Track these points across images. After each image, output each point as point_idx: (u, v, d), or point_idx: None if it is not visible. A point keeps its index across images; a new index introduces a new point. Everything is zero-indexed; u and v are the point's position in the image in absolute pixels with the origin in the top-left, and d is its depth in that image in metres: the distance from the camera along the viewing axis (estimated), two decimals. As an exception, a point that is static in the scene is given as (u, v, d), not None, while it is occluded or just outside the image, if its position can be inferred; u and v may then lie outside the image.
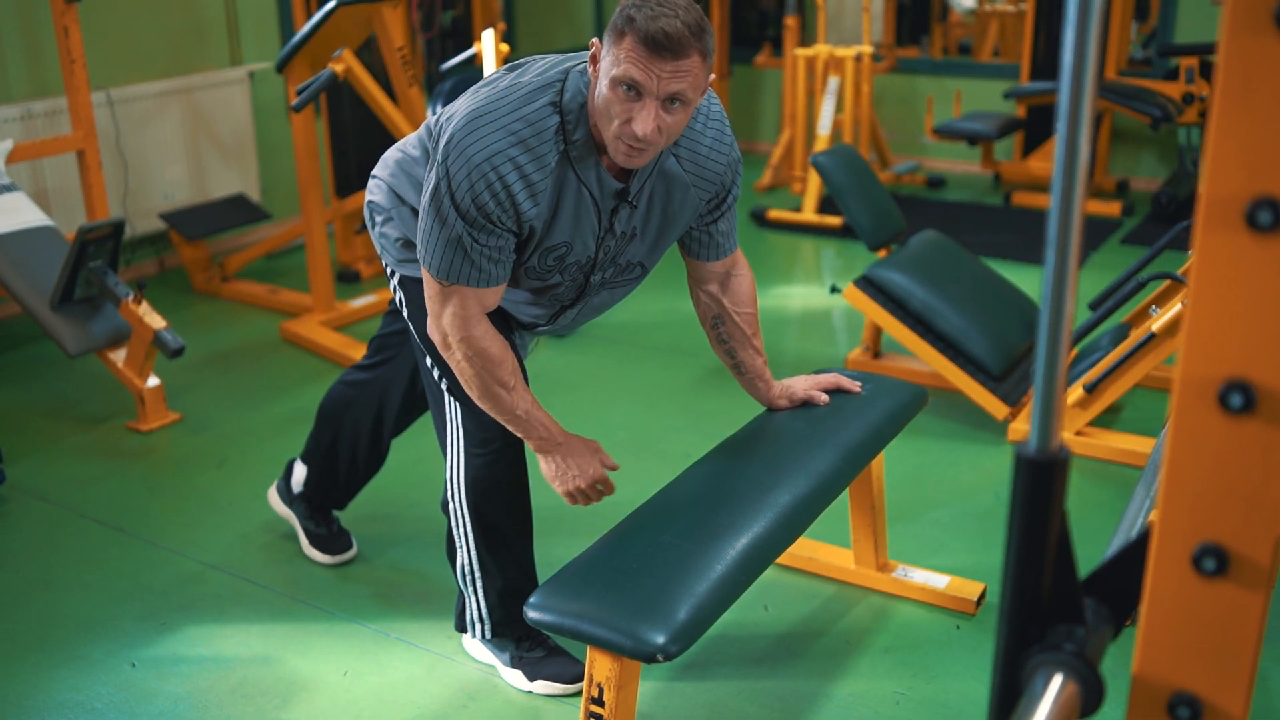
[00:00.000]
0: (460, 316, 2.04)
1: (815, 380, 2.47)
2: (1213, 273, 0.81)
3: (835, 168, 3.88)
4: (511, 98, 1.97)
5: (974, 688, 2.41)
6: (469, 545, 2.34)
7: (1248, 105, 0.78)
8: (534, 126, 1.94)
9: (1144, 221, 5.90)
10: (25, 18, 4.61)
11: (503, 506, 2.32)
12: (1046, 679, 0.89)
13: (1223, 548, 0.86)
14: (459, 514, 2.33)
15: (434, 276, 2.03)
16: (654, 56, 1.84)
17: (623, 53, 1.85)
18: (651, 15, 1.83)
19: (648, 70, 1.84)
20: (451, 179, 1.94)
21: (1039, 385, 0.88)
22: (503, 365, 2.09)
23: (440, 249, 1.99)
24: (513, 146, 1.93)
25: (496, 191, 1.93)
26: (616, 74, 1.86)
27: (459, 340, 2.06)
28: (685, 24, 1.84)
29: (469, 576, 2.38)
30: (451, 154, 1.94)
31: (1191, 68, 5.84)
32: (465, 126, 1.94)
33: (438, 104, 4.44)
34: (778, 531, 2.04)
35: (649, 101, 1.87)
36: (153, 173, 5.12)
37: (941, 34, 8.02)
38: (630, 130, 1.89)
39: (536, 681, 2.41)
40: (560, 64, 2.03)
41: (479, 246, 1.98)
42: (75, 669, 2.51)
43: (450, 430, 2.30)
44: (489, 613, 2.39)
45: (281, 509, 2.97)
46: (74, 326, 3.62)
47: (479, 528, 2.32)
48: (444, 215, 1.96)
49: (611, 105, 1.89)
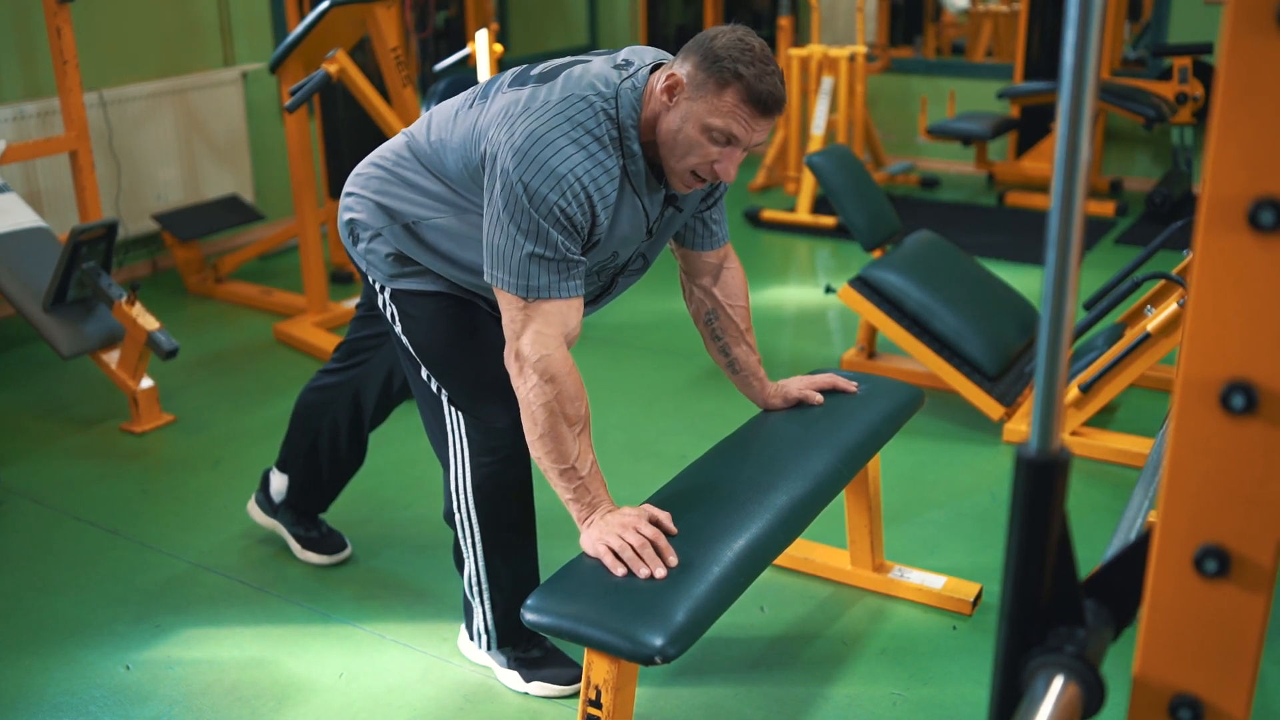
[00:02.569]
0: (542, 335, 1.97)
1: (810, 380, 2.47)
2: (1214, 273, 0.81)
3: (830, 168, 3.88)
4: (569, 113, 1.95)
5: (971, 689, 2.41)
6: (477, 554, 2.32)
7: (1249, 105, 0.77)
8: (599, 141, 1.96)
9: (1138, 221, 5.91)
10: (18, 18, 4.60)
11: (510, 512, 2.31)
12: (1047, 681, 0.88)
13: (1224, 549, 0.85)
14: (466, 524, 2.31)
15: (515, 295, 1.98)
16: (757, 115, 1.93)
17: (725, 105, 1.92)
18: (757, 75, 1.91)
19: (749, 126, 1.94)
20: (532, 193, 1.91)
21: (1039, 386, 0.87)
22: (575, 402, 1.99)
23: (522, 266, 1.95)
24: (588, 159, 1.94)
25: (582, 202, 1.93)
26: (716, 124, 1.93)
27: (536, 360, 1.97)
28: (781, 83, 1.95)
29: (476, 586, 2.36)
30: (529, 169, 1.91)
31: (1185, 67, 5.85)
32: (536, 141, 1.92)
33: (432, 104, 4.43)
34: (775, 533, 2.03)
35: (738, 150, 1.96)
36: (146, 174, 5.10)
37: (935, 34, 8.03)
38: (713, 171, 1.98)
39: (533, 683, 2.40)
40: (587, 75, 2.02)
41: (562, 257, 1.95)
42: (69, 672, 2.50)
43: (453, 441, 2.27)
44: (495, 624, 2.39)
45: (265, 520, 2.94)
46: (67, 328, 3.61)
47: (487, 535, 2.30)
48: (528, 230, 1.92)
49: (695, 146, 1.96)
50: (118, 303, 3.56)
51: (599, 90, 1.98)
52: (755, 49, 1.93)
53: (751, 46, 1.93)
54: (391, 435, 3.26)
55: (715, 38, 1.94)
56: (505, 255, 1.96)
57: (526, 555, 2.37)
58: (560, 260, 1.95)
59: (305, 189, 4.34)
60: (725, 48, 1.92)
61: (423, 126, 2.22)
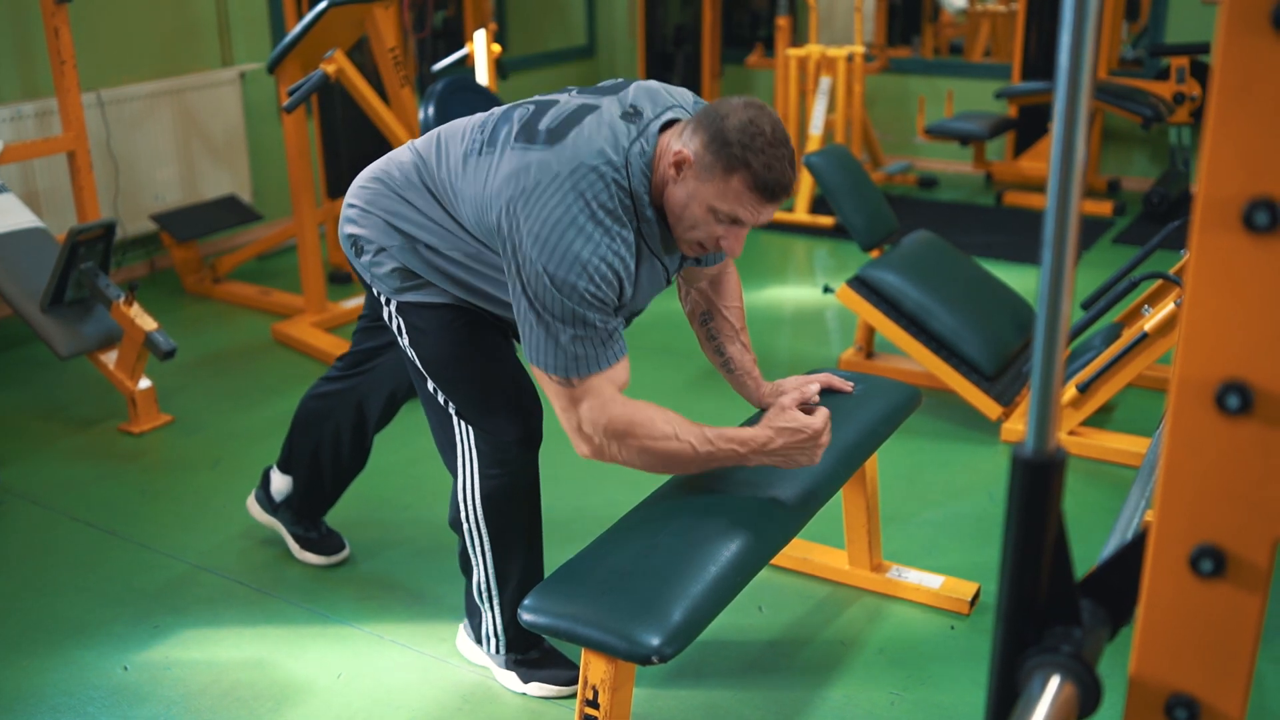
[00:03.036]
0: (598, 407, 1.97)
1: (807, 379, 2.47)
2: (1210, 273, 0.81)
3: (828, 168, 3.88)
4: (581, 187, 1.92)
5: (969, 688, 2.41)
6: (486, 563, 2.32)
7: (1245, 106, 0.78)
8: (614, 215, 1.94)
9: (1136, 221, 5.92)
10: (15, 18, 4.60)
11: (520, 520, 2.31)
12: (1044, 681, 0.88)
13: (1220, 549, 0.86)
14: (474, 531, 2.30)
15: (561, 378, 1.96)
16: (764, 202, 1.93)
17: (731, 192, 1.91)
18: (767, 164, 1.89)
19: (755, 211, 1.94)
20: (560, 282, 1.89)
21: (1036, 386, 0.87)
22: (654, 423, 1.99)
23: (564, 348, 1.94)
24: (607, 237, 1.92)
25: (610, 281, 1.93)
26: (722, 209, 1.93)
27: (604, 433, 1.98)
28: (792, 166, 1.93)
29: (485, 592, 2.36)
30: (553, 258, 1.89)
31: (1182, 67, 5.85)
32: (555, 226, 1.90)
33: (429, 105, 4.42)
34: (772, 533, 2.03)
35: (744, 229, 1.97)
36: (144, 174, 5.10)
37: (933, 34, 8.03)
38: (719, 247, 2.00)
39: (531, 683, 2.40)
40: (598, 134, 1.98)
41: (599, 331, 1.95)
42: (68, 672, 2.50)
43: (461, 453, 2.27)
44: (504, 629, 2.39)
45: (264, 518, 2.94)
46: (65, 328, 3.61)
47: (497, 544, 2.30)
48: (562, 315, 1.92)
49: (701, 223, 1.96)
50: (116, 303, 3.56)
51: (609, 159, 1.95)
52: (766, 133, 1.89)
53: (763, 130, 1.89)
54: (392, 435, 3.25)
55: (727, 117, 1.91)
56: (543, 341, 1.95)
57: (534, 560, 2.36)
58: (600, 332, 1.95)
59: (303, 189, 4.34)
60: (736, 130, 1.89)
61: (431, 152, 2.16)
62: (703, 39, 7.16)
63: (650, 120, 2.01)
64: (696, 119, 1.95)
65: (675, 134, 1.98)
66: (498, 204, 1.96)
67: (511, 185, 1.95)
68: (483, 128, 2.11)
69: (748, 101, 1.94)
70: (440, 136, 2.19)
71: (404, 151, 2.24)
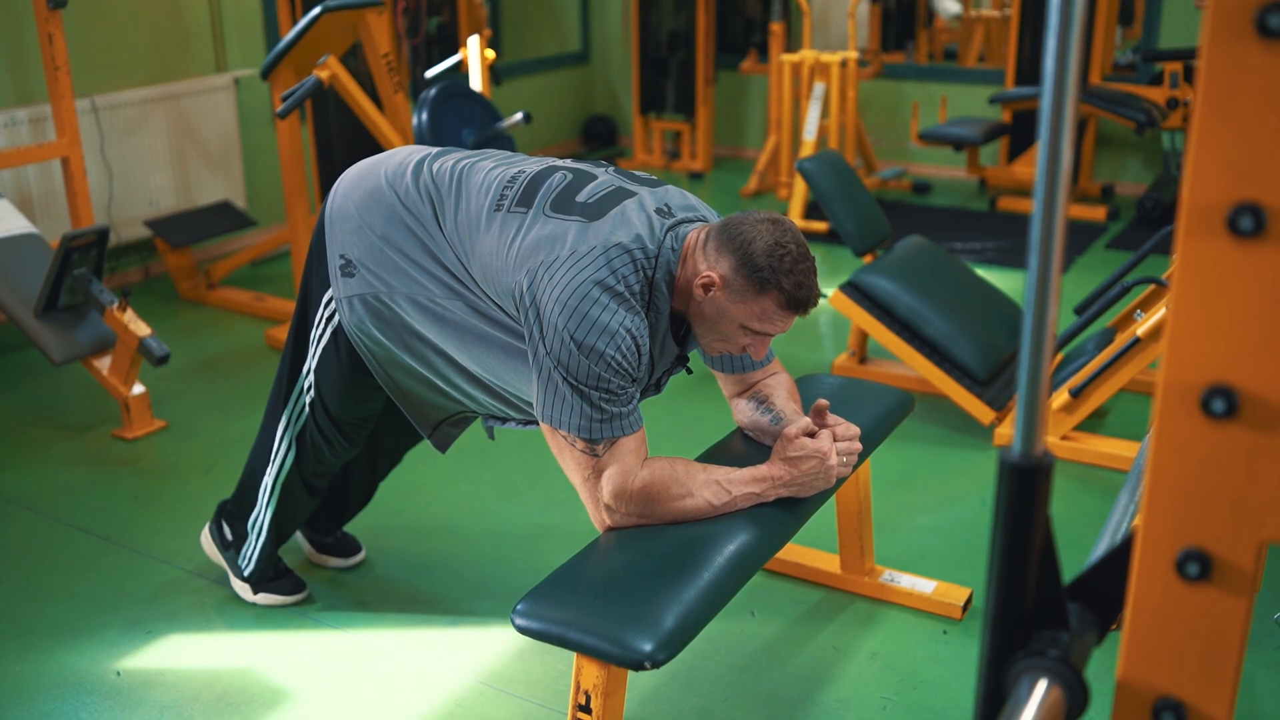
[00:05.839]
0: (621, 473, 1.99)
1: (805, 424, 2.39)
2: (1194, 278, 0.82)
3: (821, 173, 3.89)
4: (614, 261, 1.96)
5: (960, 693, 2.41)
6: (267, 511, 2.60)
7: (1229, 111, 0.78)
8: (635, 295, 1.98)
9: (1129, 226, 5.93)
10: (9, 24, 4.59)
11: (307, 506, 2.63)
12: (1031, 684, 0.89)
13: (1206, 553, 0.86)
14: (265, 496, 2.58)
15: (585, 442, 1.98)
16: (793, 315, 2.01)
17: (764, 311, 1.99)
18: (797, 283, 1.97)
19: (786, 323, 2.03)
20: (587, 348, 1.92)
21: (1023, 390, 0.88)
22: (671, 484, 2.01)
23: (587, 416, 1.97)
24: (630, 313, 1.96)
25: (632, 349, 1.96)
26: (756, 326, 2.01)
27: (629, 500, 2.00)
28: (815, 276, 2.01)
29: (257, 528, 2.64)
30: (580, 325, 1.92)
31: (1176, 73, 5.87)
32: (578, 292, 1.93)
33: (423, 111, 4.43)
34: (765, 538, 2.04)
35: (770, 338, 2.06)
36: (137, 180, 5.10)
37: (927, 39, 8.05)
38: (747, 353, 2.12)
39: (260, 594, 2.72)
40: (636, 221, 2.03)
41: (620, 397, 1.98)
42: (60, 678, 2.49)
43: (282, 438, 2.53)
44: (261, 558, 2.67)
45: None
46: (59, 334, 3.61)
47: (280, 511, 2.59)
48: (586, 380, 1.94)
49: (729, 336, 2.05)
50: (109, 309, 3.56)
51: (644, 246, 2.00)
52: (792, 252, 1.96)
53: (789, 250, 1.96)
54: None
55: (753, 241, 1.96)
56: (566, 404, 1.97)
57: (309, 509, 2.66)
58: (622, 398, 1.98)
59: (297, 195, 4.34)
60: (764, 254, 1.95)
61: (451, 190, 2.17)
62: (697, 45, 7.17)
63: (680, 221, 2.09)
64: (720, 239, 2.00)
65: (699, 246, 2.03)
66: (524, 267, 2.00)
67: (544, 251, 1.99)
68: (513, 182, 2.13)
69: (770, 219, 2.00)
70: (461, 179, 2.18)
71: (408, 159, 2.26)
